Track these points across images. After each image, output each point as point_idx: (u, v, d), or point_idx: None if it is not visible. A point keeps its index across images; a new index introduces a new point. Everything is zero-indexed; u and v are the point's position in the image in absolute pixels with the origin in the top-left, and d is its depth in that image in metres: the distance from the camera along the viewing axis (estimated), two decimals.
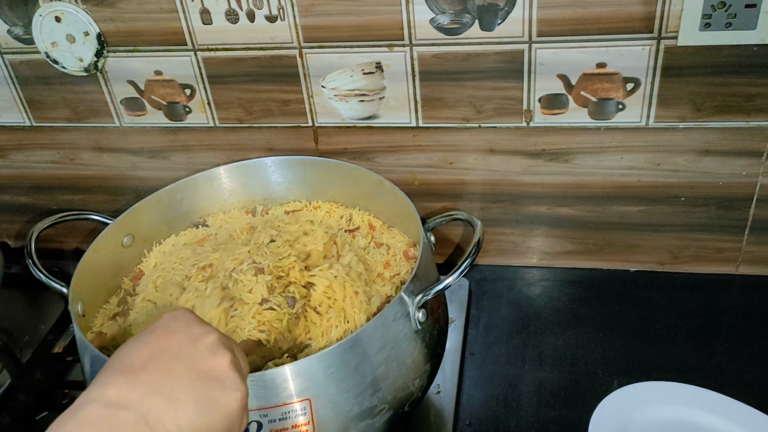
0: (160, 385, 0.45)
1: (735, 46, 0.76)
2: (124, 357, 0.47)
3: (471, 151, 0.90)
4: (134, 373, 0.45)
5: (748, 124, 0.81)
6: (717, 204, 0.88)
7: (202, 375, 0.47)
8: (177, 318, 0.51)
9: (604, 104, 0.83)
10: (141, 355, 0.47)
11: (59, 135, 1.00)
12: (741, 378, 0.79)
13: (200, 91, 0.91)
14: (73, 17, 0.87)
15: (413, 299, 0.64)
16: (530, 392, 0.81)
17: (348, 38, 0.83)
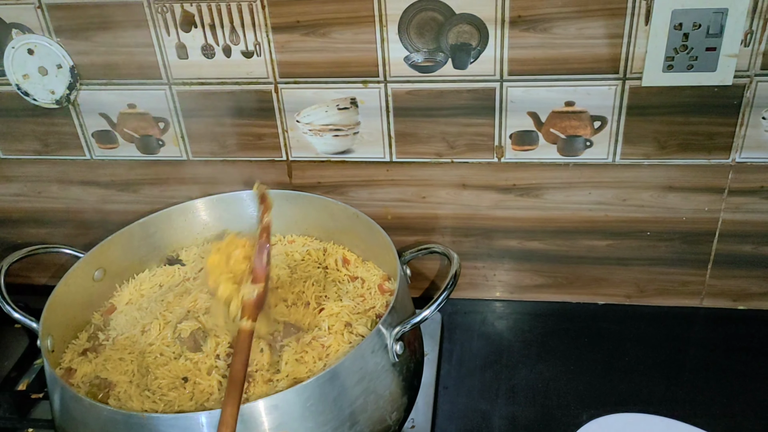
0: None
1: (696, 87, 0.79)
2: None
3: (444, 186, 0.91)
4: None
5: (709, 161, 0.85)
6: (681, 239, 0.91)
7: None
8: None
9: (572, 141, 0.85)
10: None
11: (27, 167, 0.99)
12: (708, 409, 0.81)
13: (174, 124, 0.91)
14: (46, 50, 0.87)
15: (391, 332, 0.64)
16: (503, 426, 0.81)
17: (323, 74, 0.85)
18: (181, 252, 0.87)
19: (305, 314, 0.72)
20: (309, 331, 0.69)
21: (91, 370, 0.70)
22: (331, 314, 0.71)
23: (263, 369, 0.67)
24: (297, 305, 0.73)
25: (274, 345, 0.70)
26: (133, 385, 0.68)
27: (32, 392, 0.87)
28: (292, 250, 0.84)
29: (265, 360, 0.68)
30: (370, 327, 0.70)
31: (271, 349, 0.69)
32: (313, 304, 0.72)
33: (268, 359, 0.68)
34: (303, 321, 0.71)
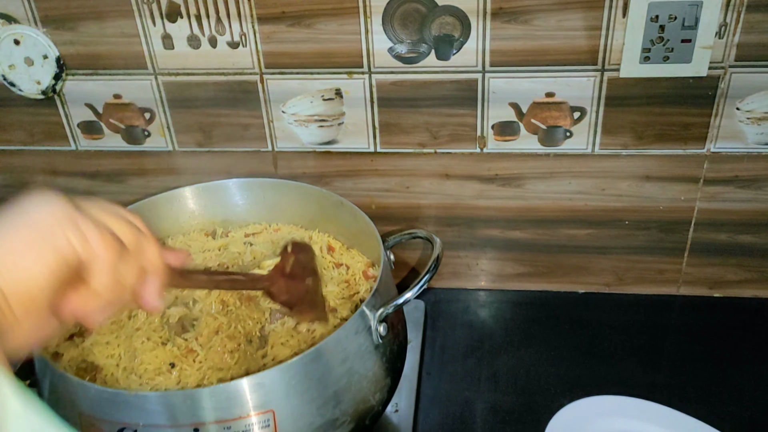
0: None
1: (672, 78, 0.82)
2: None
3: (427, 176, 0.93)
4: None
5: (685, 151, 0.87)
6: (658, 227, 0.93)
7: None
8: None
9: (553, 132, 0.87)
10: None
11: (12, 158, 0.99)
12: (684, 391, 0.83)
13: (160, 114, 0.92)
14: (33, 40, 0.87)
15: (374, 313, 0.66)
16: (485, 409, 0.83)
17: (308, 65, 0.86)
18: (168, 240, 0.88)
19: None
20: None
21: (77, 354, 0.71)
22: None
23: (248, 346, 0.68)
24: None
25: (262, 332, 0.71)
26: (120, 368, 0.69)
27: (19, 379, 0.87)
28: (278, 238, 0.85)
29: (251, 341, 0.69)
30: (354, 311, 0.72)
31: (260, 335, 0.70)
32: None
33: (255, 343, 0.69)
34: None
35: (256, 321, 0.72)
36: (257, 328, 0.72)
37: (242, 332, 0.71)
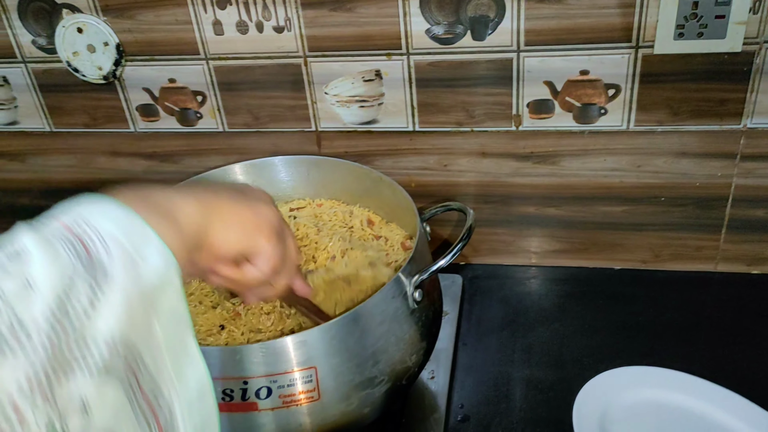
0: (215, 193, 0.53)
1: (707, 54, 0.83)
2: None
3: (464, 154, 0.96)
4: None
5: (721, 127, 0.88)
6: (695, 204, 0.94)
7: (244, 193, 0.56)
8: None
9: (587, 109, 0.89)
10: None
11: (77, 140, 1.06)
12: (720, 366, 0.83)
13: (211, 97, 0.98)
14: (95, 28, 0.94)
15: (410, 279, 0.69)
16: (519, 377, 0.86)
17: (349, 48, 0.90)
18: None
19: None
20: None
21: None
22: (355, 258, 0.76)
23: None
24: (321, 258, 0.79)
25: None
26: None
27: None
28: (320, 212, 0.90)
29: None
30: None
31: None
32: (339, 257, 0.77)
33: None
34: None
35: None
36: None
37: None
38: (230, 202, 0.53)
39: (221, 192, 0.53)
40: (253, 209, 0.54)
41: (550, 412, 0.80)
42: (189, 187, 0.53)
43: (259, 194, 0.58)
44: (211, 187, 0.54)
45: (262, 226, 0.55)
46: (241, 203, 0.54)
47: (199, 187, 0.52)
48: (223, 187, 0.55)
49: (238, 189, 0.57)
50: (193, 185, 0.54)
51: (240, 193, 0.55)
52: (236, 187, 0.56)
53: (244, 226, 0.53)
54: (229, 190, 0.55)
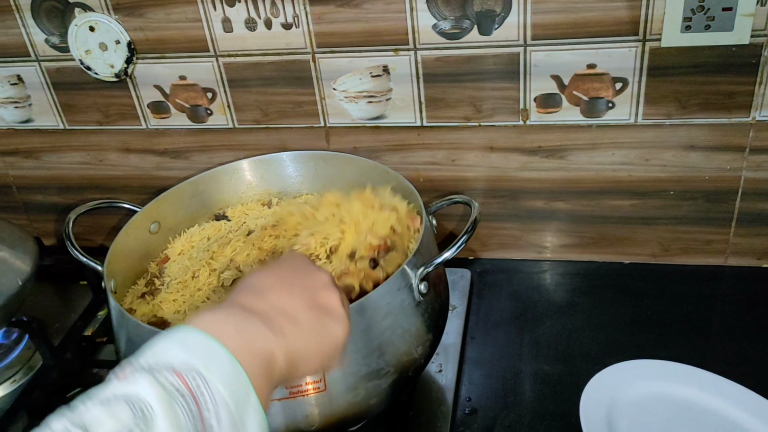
0: (284, 305, 0.52)
1: (714, 46, 0.82)
2: (251, 281, 0.55)
3: (472, 149, 0.96)
4: (262, 292, 0.53)
5: (730, 120, 0.87)
6: (704, 197, 0.94)
7: (317, 305, 0.54)
8: (297, 257, 0.60)
9: (595, 103, 0.89)
10: (266, 281, 0.55)
11: (90, 137, 1.08)
12: (730, 360, 0.83)
13: (221, 94, 0.99)
14: (106, 27, 0.95)
15: (415, 272, 0.70)
16: (527, 371, 0.86)
17: (357, 43, 0.91)
18: (227, 209, 0.94)
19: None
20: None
21: (148, 310, 0.78)
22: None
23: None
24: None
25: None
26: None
27: (97, 337, 0.96)
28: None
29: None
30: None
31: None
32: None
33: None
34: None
35: None
36: None
37: None
38: (312, 336, 0.53)
39: (302, 318, 0.53)
40: (331, 338, 0.55)
41: (558, 406, 0.81)
42: (270, 301, 0.52)
43: (331, 301, 0.56)
44: (290, 303, 0.53)
45: (338, 349, 0.56)
46: (321, 334, 0.54)
47: (279, 304, 0.53)
48: (300, 305, 0.54)
49: (315, 304, 0.55)
50: (274, 291, 0.53)
51: (316, 312, 0.54)
52: (308, 291, 0.55)
53: (323, 358, 0.54)
54: (307, 309, 0.54)
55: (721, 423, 0.75)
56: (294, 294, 0.54)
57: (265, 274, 0.56)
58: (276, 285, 0.54)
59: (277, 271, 0.57)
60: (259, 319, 0.50)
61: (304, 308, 0.53)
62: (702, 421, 0.75)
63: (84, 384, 0.90)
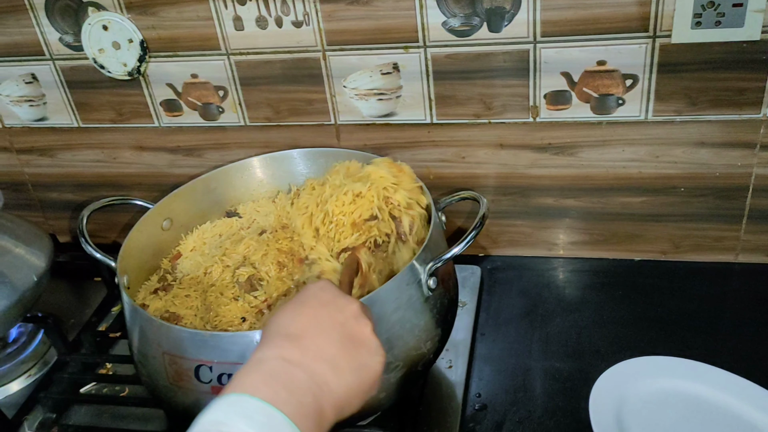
0: (323, 352, 0.52)
1: (725, 43, 0.82)
2: (285, 323, 0.54)
3: (482, 146, 0.97)
4: (298, 339, 0.53)
5: (740, 116, 0.87)
6: (715, 194, 0.93)
7: (351, 340, 0.54)
8: (324, 289, 0.58)
9: (605, 100, 0.89)
10: (299, 324, 0.54)
11: (104, 135, 1.09)
12: (740, 357, 0.82)
13: (232, 92, 1.00)
14: (119, 25, 0.96)
15: (424, 267, 0.70)
16: (537, 368, 0.86)
17: (367, 41, 0.91)
18: (239, 206, 0.95)
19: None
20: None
21: (161, 306, 0.79)
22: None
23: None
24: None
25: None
26: (198, 318, 0.77)
27: (111, 332, 0.97)
28: None
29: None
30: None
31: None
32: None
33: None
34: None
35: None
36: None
37: None
38: (354, 379, 0.53)
39: (342, 362, 0.53)
40: (370, 374, 0.55)
41: (568, 402, 0.81)
42: (308, 349, 0.52)
43: (364, 332, 0.56)
44: (327, 347, 0.53)
45: (377, 381, 0.56)
46: (361, 373, 0.54)
47: (318, 351, 0.53)
48: (337, 347, 0.54)
49: (350, 340, 0.55)
50: (308, 335, 0.53)
51: (353, 349, 0.54)
52: (341, 328, 0.55)
53: (365, 395, 0.55)
54: (344, 350, 0.54)
55: (731, 420, 0.75)
56: (329, 335, 0.54)
57: (294, 315, 0.55)
58: (309, 327, 0.54)
59: (306, 309, 0.56)
60: (304, 373, 0.50)
61: (341, 349, 0.53)
62: (713, 418, 0.75)
63: (98, 379, 0.91)
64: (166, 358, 0.69)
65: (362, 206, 0.77)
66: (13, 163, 1.15)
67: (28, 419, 0.87)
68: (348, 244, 0.76)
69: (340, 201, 0.77)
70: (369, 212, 0.76)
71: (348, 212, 0.77)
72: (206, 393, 0.67)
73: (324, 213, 0.78)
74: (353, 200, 0.77)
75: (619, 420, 0.76)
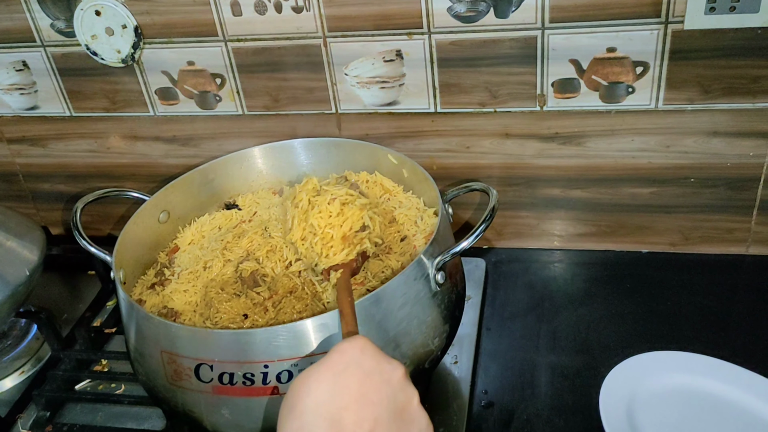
0: None
1: (739, 29, 0.80)
2: (324, 400, 0.48)
3: (487, 136, 0.94)
4: (344, 425, 0.47)
5: (754, 105, 0.85)
6: (726, 185, 0.91)
7: (402, 419, 0.49)
8: (365, 352, 0.51)
9: (614, 88, 0.87)
10: (342, 402, 0.48)
11: (97, 124, 1.06)
12: (752, 351, 0.81)
13: (230, 80, 0.97)
14: (112, 11, 0.93)
15: (432, 261, 0.68)
16: (544, 363, 0.84)
17: (369, 27, 0.88)
18: (238, 198, 0.92)
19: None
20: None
21: (159, 301, 0.77)
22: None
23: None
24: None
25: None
26: (197, 314, 0.74)
27: (105, 328, 0.95)
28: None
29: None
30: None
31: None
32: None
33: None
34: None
35: (320, 282, 0.74)
36: (322, 287, 0.74)
37: (309, 294, 0.74)
38: None
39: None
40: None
41: (576, 399, 0.79)
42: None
43: (412, 405, 0.51)
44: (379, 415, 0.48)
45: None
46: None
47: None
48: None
49: (400, 418, 0.50)
50: (356, 420, 0.47)
51: (404, 428, 0.50)
52: (389, 403, 0.49)
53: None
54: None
55: (743, 415, 0.73)
56: (379, 416, 0.47)
57: (334, 388, 0.48)
58: (355, 408, 0.48)
59: (348, 381, 0.49)
60: None
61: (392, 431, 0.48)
62: (725, 413, 0.74)
63: (93, 376, 0.88)
64: (165, 356, 0.66)
65: (352, 216, 0.72)
66: (3, 153, 1.12)
67: (22, 417, 0.84)
68: (338, 261, 0.71)
69: (325, 212, 0.73)
70: (360, 222, 0.72)
71: (336, 224, 0.72)
72: (207, 393, 0.65)
73: (306, 226, 0.73)
74: (340, 211, 0.72)
75: (630, 417, 0.74)
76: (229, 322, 0.72)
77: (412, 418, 0.50)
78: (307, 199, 0.74)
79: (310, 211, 0.73)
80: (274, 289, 0.74)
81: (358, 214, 0.72)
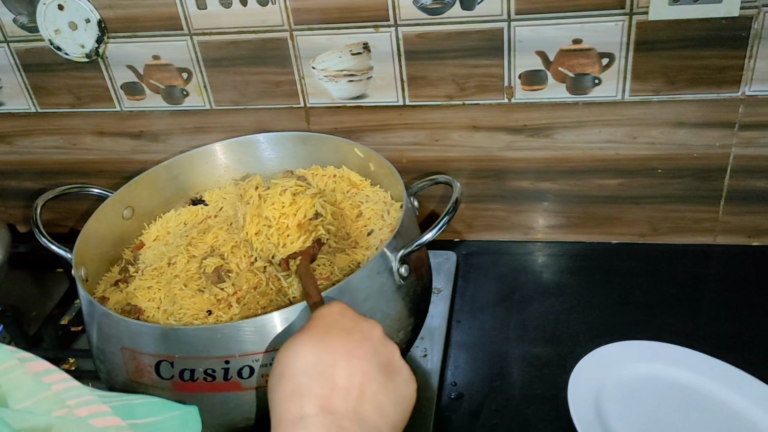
0: (365, 391, 0.50)
1: (704, 19, 0.80)
2: (311, 362, 0.50)
3: (455, 128, 0.94)
4: (334, 380, 0.49)
5: (719, 95, 0.85)
6: (693, 175, 0.92)
7: (387, 371, 0.52)
8: (343, 314, 0.54)
9: (581, 79, 0.87)
10: (329, 360, 0.50)
11: (62, 120, 1.05)
12: (721, 340, 0.81)
13: (197, 74, 0.96)
14: (75, 5, 0.92)
15: (395, 254, 0.68)
16: (514, 354, 0.84)
17: (336, 20, 0.87)
18: (204, 193, 0.91)
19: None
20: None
21: (122, 298, 0.76)
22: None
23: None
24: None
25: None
26: (161, 311, 0.73)
27: (73, 326, 0.94)
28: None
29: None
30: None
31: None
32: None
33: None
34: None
35: (286, 277, 0.74)
36: (288, 282, 0.74)
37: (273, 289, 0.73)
38: (398, 415, 0.51)
39: (384, 400, 0.51)
40: (408, 404, 0.53)
41: (545, 389, 0.79)
42: (349, 393, 0.49)
43: (394, 358, 0.54)
44: (368, 385, 0.50)
45: (413, 406, 0.54)
46: (402, 406, 0.52)
47: (360, 392, 0.50)
48: (376, 382, 0.51)
49: (384, 370, 0.52)
50: (344, 373, 0.50)
51: (390, 381, 0.52)
52: (373, 357, 0.52)
53: (405, 423, 0.53)
54: (382, 384, 0.51)
55: (711, 403, 0.74)
56: (365, 369, 0.50)
57: (320, 349, 0.51)
58: (342, 363, 0.50)
59: (332, 341, 0.51)
60: (351, 422, 0.48)
61: (380, 384, 0.51)
62: (692, 401, 0.74)
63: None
64: (126, 353, 0.66)
65: (305, 204, 0.73)
66: None
67: None
68: (296, 248, 0.72)
69: (278, 203, 0.73)
70: (312, 210, 0.73)
71: (290, 213, 0.72)
72: (167, 390, 0.64)
73: (260, 220, 0.73)
74: (293, 201, 0.73)
75: (598, 406, 0.74)
76: (193, 318, 0.72)
77: (396, 370, 0.53)
78: (257, 195, 0.74)
79: (263, 205, 0.72)
80: (238, 285, 0.73)
81: (310, 202, 0.72)
